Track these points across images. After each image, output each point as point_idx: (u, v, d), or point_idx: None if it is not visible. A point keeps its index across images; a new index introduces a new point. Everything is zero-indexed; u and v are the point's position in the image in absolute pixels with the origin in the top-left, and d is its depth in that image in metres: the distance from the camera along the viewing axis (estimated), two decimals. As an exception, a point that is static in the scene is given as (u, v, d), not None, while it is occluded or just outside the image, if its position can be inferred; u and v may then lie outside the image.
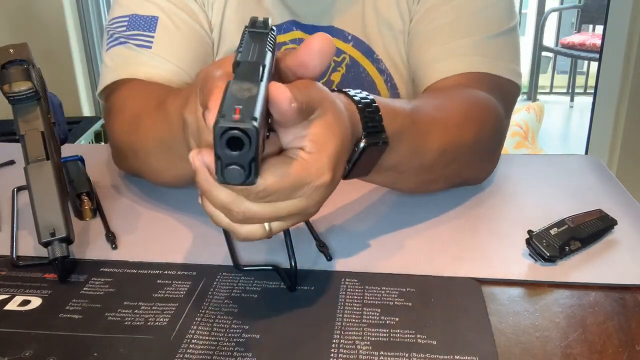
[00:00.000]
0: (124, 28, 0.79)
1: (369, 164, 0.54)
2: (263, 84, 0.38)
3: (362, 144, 0.51)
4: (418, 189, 0.69)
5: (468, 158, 0.67)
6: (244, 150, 0.36)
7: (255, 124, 0.36)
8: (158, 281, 0.56)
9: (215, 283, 0.56)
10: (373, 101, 0.53)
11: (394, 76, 0.84)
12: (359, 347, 0.47)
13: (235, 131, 0.36)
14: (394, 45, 0.83)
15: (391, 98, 0.85)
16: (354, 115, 0.51)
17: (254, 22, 0.44)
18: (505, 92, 0.75)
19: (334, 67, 0.85)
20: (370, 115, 0.52)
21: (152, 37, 0.78)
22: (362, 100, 0.52)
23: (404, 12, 0.81)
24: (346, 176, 0.53)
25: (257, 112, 0.36)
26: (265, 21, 0.44)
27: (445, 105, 0.66)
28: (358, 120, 0.51)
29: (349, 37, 0.84)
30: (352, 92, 0.53)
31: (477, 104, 0.69)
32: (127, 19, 0.80)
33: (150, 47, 0.78)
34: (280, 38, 0.85)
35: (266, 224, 0.46)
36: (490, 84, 0.73)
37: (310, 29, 0.84)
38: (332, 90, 0.51)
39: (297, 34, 0.85)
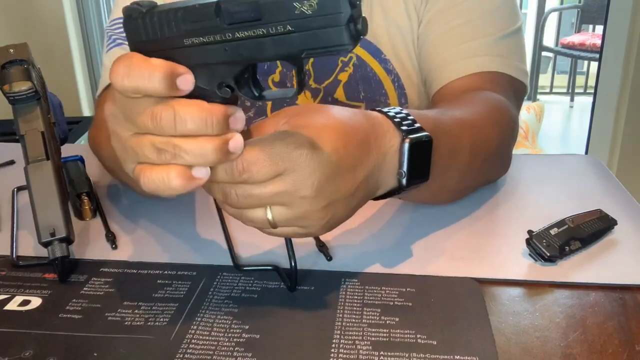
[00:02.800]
0: (121, 29, 0.79)
1: (423, 164, 0.53)
2: None
3: (406, 144, 0.51)
4: (452, 198, 0.69)
5: (494, 159, 0.69)
6: None
7: None
8: (158, 281, 0.56)
9: (215, 283, 0.56)
10: (402, 109, 0.53)
11: (402, 76, 0.84)
12: (359, 347, 0.47)
13: None
14: (402, 46, 0.83)
15: (398, 101, 0.85)
16: (376, 120, 0.51)
17: None
18: (516, 91, 0.77)
19: (342, 67, 0.85)
20: (400, 116, 0.52)
21: None
22: (391, 110, 0.53)
23: (411, 12, 0.81)
24: (407, 182, 0.52)
25: None
26: None
27: (468, 109, 0.66)
28: (387, 124, 0.51)
29: None
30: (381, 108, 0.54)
31: (495, 107, 0.70)
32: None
33: None
34: None
35: (267, 209, 0.46)
36: (502, 83, 0.75)
37: None
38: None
39: None
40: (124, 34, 0.81)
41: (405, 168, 0.51)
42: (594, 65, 3.61)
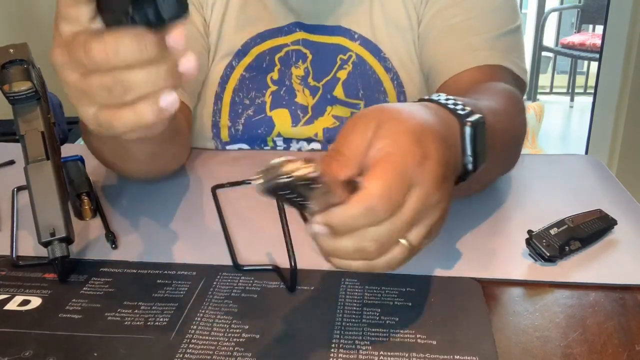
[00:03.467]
0: None
1: (483, 145, 0.52)
2: None
3: (468, 128, 0.50)
4: (483, 187, 0.69)
5: (515, 148, 0.69)
6: None
7: None
8: (158, 281, 0.56)
9: (215, 283, 0.56)
10: (440, 94, 0.53)
11: (401, 74, 0.84)
12: (359, 347, 0.47)
13: None
14: (402, 44, 0.83)
15: (397, 99, 0.85)
16: (440, 111, 0.50)
17: None
18: (518, 86, 0.77)
19: (341, 64, 0.85)
20: (451, 102, 0.52)
21: None
22: (440, 97, 0.52)
23: (410, 12, 0.82)
24: (474, 166, 0.51)
25: None
26: None
27: (495, 99, 0.65)
28: (444, 112, 0.51)
29: (356, 36, 0.84)
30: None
31: (514, 97, 0.70)
32: None
33: None
34: (282, 40, 0.85)
35: (402, 240, 0.44)
36: (505, 76, 0.75)
37: (315, 29, 0.84)
38: (421, 100, 0.52)
39: (300, 35, 0.85)
40: None
41: (470, 152, 0.51)
42: (594, 65, 3.61)
